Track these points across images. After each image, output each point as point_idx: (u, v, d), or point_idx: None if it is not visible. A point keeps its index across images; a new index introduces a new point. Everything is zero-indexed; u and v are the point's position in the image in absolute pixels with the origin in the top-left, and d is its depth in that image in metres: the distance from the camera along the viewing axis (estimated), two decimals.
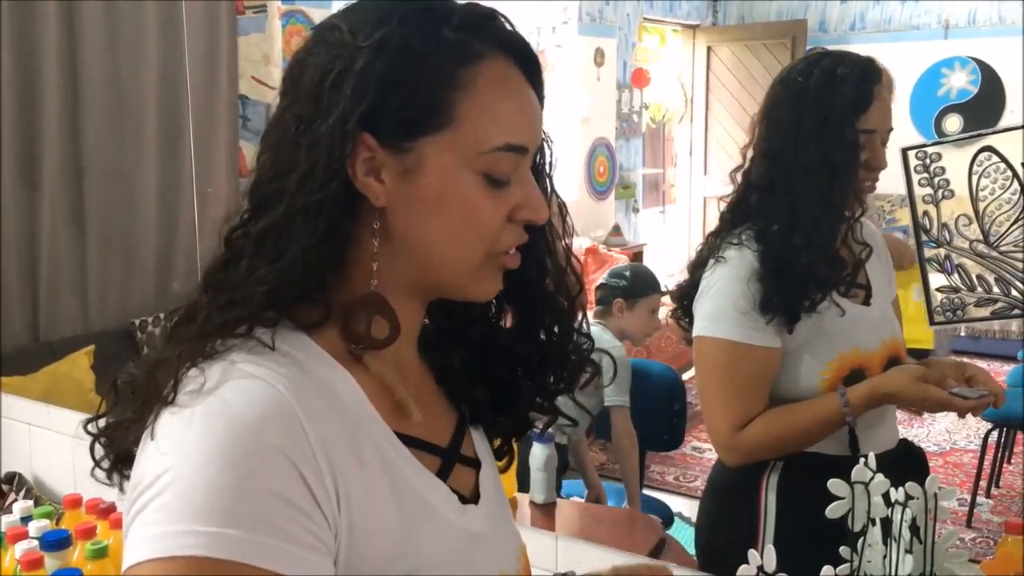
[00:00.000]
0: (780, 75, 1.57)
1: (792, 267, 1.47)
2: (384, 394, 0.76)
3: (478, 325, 0.87)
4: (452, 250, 0.75)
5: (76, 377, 2.65)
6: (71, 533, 1.43)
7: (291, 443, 0.65)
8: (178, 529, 0.61)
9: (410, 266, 0.76)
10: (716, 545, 1.62)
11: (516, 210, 0.76)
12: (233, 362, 0.68)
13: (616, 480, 2.79)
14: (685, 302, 1.63)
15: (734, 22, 7.42)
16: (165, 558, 0.61)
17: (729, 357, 1.52)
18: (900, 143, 1.51)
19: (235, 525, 0.61)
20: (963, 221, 1.20)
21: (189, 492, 0.62)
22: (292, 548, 0.63)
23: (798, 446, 1.52)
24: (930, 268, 1.25)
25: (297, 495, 0.64)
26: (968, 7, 6.58)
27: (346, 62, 0.71)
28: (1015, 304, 1.21)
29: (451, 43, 0.73)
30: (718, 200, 1.66)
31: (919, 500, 1.12)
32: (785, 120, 1.51)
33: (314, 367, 0.72)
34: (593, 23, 6.06)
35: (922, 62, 6.60)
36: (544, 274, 0.85)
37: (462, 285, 0.78)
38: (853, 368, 1.52)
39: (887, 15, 6.90)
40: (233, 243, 0.75)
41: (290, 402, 0.66)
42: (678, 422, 2.64)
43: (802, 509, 1.27)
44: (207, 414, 0.65)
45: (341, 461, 0.68)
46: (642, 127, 6.86)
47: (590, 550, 1.36)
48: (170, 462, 0.64)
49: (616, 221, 6.43)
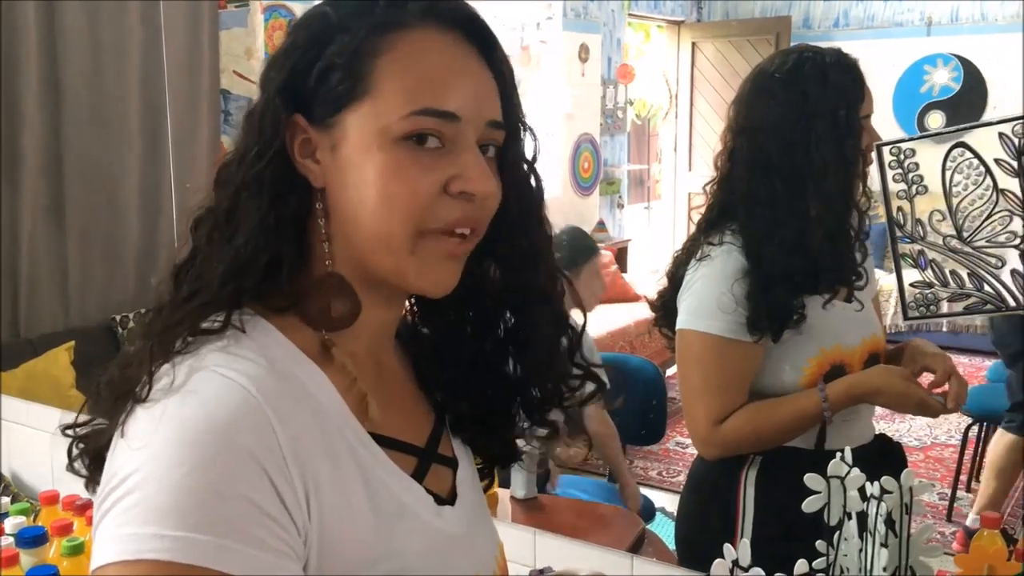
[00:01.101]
0: (756, 81, 1.54)
1: (794, 277, 1.45)
2: (357, 393, 0.75)
3: (471, 339, 0.86)
4: (377, 223, 0.71)
5: (55, 374, 2.63)
6: (47, 530, 1.42)
7: (261, 446, 0.64)
8: (145, 532, 0.60)
9: (355, 248, 0.74)
10: (695, 539, 1.62)
11: (451, 181, 0.71)
12: (204, 359, 0.68)
13: (600, 475, 2.80)
14: (666, 309, 1.62)
15: (719, 18, 7.44)
16: (131, 561, 0.60)
17: (711, 351, 1.52)
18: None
19: (202, 530, 0.60)
20: (937, 217, 1.20)
21: (157, 494, 0.61)
22: (259, 553, 0.62)
23: (777, 441, 1.52)
24: (904, 263, 1.25)
25: (266, 500, 0.63)
26: (951, 5, 6.62)
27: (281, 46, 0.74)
28: (988, 299, 1.22)
29: (374, 15, 0.72)
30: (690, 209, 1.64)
31: (894, 494, 1.13)
32: (781, 124, 1.48)
33: (287, 365, 0.71)
34: (578, 19, 6.06)
35: (905, 59, 6.64)
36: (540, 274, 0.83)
37: (400, 269, 0.73)
38: (834, 363, 1.52)
39: (870, 12, 6.93)
40: (198, 231, 0.75)
41: (261, 404, 0.65)
42: (655, 416, 2.65)
43: (780, 503, 1.28)
44: (178, 413, 0.64)
45: (313, 463, 0.67)
46: (627, 123, 6.87)
47: (569, 545, 1.36)
48: (140, 461, 0.63)
49: (601, 217, 6.43)
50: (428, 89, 0.71)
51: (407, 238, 0.71)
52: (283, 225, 0.72)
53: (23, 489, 1.99)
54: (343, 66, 0.71)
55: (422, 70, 0.71)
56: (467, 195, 0.72)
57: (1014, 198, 1.16)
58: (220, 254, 0.71)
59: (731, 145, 1.55)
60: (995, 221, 1.17)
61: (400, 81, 0.71)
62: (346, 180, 0.72)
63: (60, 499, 1.55)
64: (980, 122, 1.17)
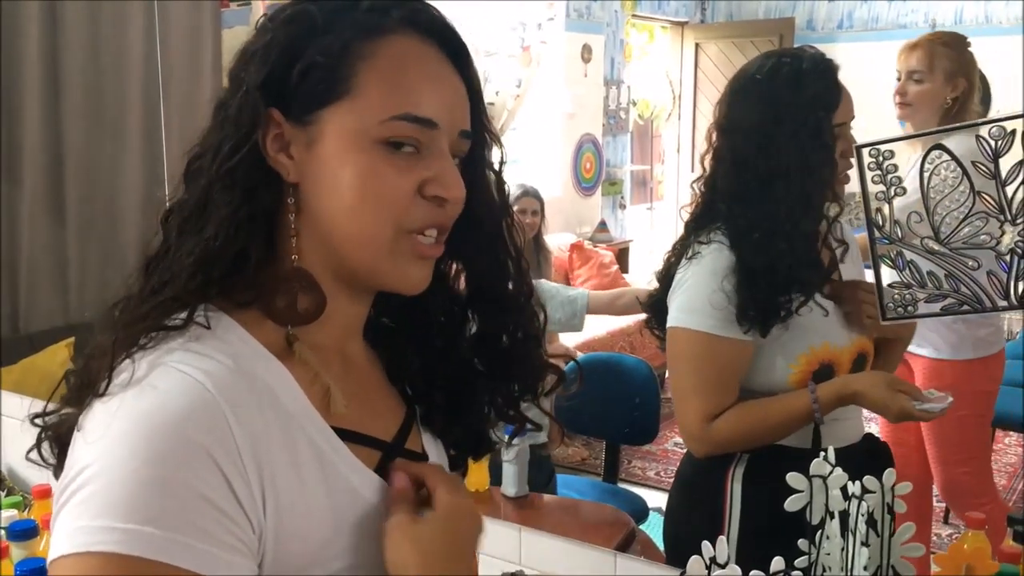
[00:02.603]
0: (738, 82, 1.56)
1: (774, 274, 1.46)
2: (321, 387, 0.76)
3: (441, 331, 0.87)
4: (357, 223, 0.73)
5: (51, 370, 2.64)
6: (38, 523, 1.43)
7: (215, 442, 0.65)
8: (97, 524, 0.61)
9: (327, 246, 0.75)
10: (682, 536, 1.63)
11: (426, 184, 0.74)
12: (164, 354, 0.68)
13: (596, 475, 2.80)
14: (657, 309, 1.63)
15: (722, 19, 7.42)
16: (82, 553, 0.61)
17: (702, 348, 1.53)
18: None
19: (153, 523, 0.61)
20: (915, 218, 1.21)
21: (109, 487, 0.62)
22: (210, 548, 0.62)
23: (768, 440, 1.53)
24: (883, 264, 1.26)
25: (218, 495, 0.64)
26: (955, 6, 6.59)
27: (260, 41, 0.74)
28: (964, 300, 1.22)
29: (357, 19, 0.74)
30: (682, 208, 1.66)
31: (876, 494, 1.14)
32: (758, 126, 1.50)
33: (248, 360, 0.71)
34: (580, 19, 6.06)
35: None
36: (506, 276, 0.84)
37: (377, 268, 0.75)
38: (823, 362, 1.53)
39: (874, 13, 6.90)
40: (167, 224, 0.76)
41: (217, 399, 0.66)
42: (639, 416, 2.64)
43: (766, 501, 1.29)
44: (133, 408, 0.65)
45: (271, 459, 0.68)
46: (630, 124, 6.87)
47: (554, 543, 1.37)
48: (94, 455, 0.64)
49: (602, 217, 6.43)
50: (408, 95, 0.73)
51: (387, 238, 0.74)
52: (254, 219, 0.73)
53: (18, 483, 2.01)
54: (325, 66, 0.72)
55: (403, 77, 0.73)
56: (440, 199, 0.75)
57: (990, 200, 1.17)
58: (189, 246, 0.72)
59: (714, 144, 1.56)
60: (972, 223, 1.18)
61: (382, 86, 0.73)
62: (321, 177, 0.73)
63: (52, 493, 1.56)
64: (955, 125, 1.17)
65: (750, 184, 1.50)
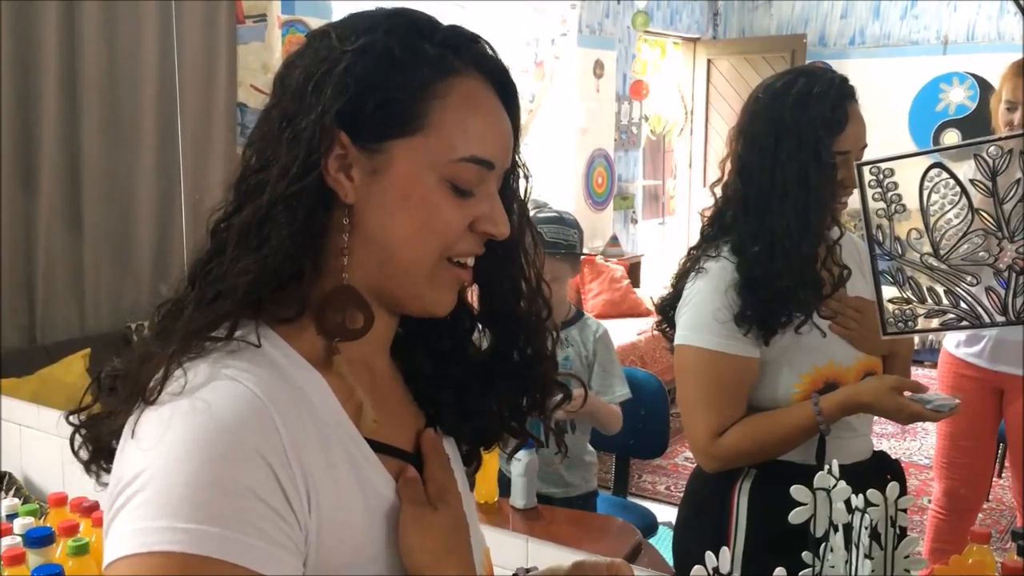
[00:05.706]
0: (757, 92, 1.58)
1: (770, 284, 1.49)
2: (355, 401, 0.78)
3: (448, 333, 0.89)
4: (409, 250, 0.77)
5: (67, 380, 2.67)
6: (54, 530, 1.45)
7: (267, 445, 0.67)
8: (157, 525, 0.62)
9: (376, 267, 0.77)
10: (690, 549, 1.64)
11: (478, 221, 0.78)
12: (215, 363, 0.70)
13: (606, 489, 2.81)
14: (669, 313, 1.65)
15: (734, 36, 7.47)
16: (144, 553, 0.62)
17: (708, 365, 1.54)
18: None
19: (214, 522, 0.63)
20: (915, 235, 1.23)
21: (168, 489, 0.63)
22: (268, 547, 0.64)
23: (775, 453, 1.54)
24: (883, 280, 1.28)
25: (272, 496, 0.66)
26: (967, 23, 6.62)
27: (331, 64, 0.75)
28: (963, 315, 1.24)
29: (431, 56, 0.76)
30: (700, 212, 1.68)
31: (880, 507, 1.14)
32: (762, 139, 1.53)
33: (290, 370, 0.74)
34: (593, 35, 6.09)
35: (921, 77, 6.64)
36: (519, 296, 0.87)
37: (419, 292, 0.79)
38: (827, 381, 1.54)
39: (886, 30, 6.93)
40: (218, 234, 0.78)
41: (266, 405, 0.68)
42: (649, 430, 2.65)
43: (772, 515, 1.29)
44: (188, 414, 0.67)
45: (312, 464, 0.70)
46: (642, 139, 6.89)
47: (560, 552, 1.38)
48: (150, 459, 0.65)
49: (614, 232, 6.45)
50: (474, 138, 0.77)
51: (430, 266, 0.78)
52: (311, 238, 0.75)
53: (34, 491, 2.03)
54: (401, 100, 0.75)
55: (471, 119, 0.77)
56: (488, 235, 0.80)
57: (988, 218, 1.19)
58: (246, 263, 0.74)
59: (731, 149, 1.60)
60: (971, 240, 1.19)
61: (452, 127, 0.76)
62: (382, 203, 0.76)
63: (68, 501, 1.59)
64: (955, 144, 1.19)
65: (751, 194, 1.53)
